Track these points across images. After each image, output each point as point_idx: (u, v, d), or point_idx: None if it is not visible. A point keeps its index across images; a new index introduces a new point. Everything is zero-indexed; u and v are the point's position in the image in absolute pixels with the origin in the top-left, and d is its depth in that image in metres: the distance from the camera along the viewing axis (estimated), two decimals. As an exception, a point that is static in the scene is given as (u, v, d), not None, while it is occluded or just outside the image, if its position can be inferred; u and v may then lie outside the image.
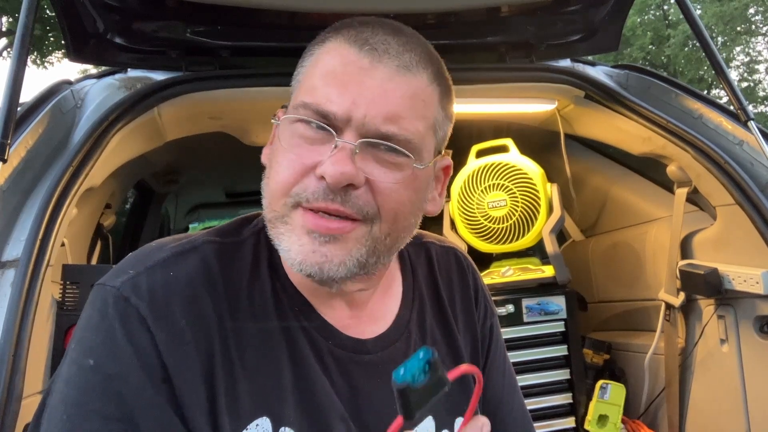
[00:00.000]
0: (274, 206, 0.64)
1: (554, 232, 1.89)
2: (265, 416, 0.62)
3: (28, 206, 1.15)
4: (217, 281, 0.65)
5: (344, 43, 0.64)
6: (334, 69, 0.63)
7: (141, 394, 0.57)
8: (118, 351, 0.58)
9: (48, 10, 9.76)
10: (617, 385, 1.81)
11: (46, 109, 1.31)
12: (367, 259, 0.64)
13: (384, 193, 0.63)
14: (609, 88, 1.68)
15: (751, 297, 1.50)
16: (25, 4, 1.19)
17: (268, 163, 0.69)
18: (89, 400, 0.57)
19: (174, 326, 0.60)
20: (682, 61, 16.85)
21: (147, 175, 2.47)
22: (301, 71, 0.68)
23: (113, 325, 0.59)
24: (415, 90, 0.64)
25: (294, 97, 0.67)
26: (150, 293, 0.60)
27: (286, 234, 0.63)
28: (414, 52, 0.65)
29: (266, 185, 0.67)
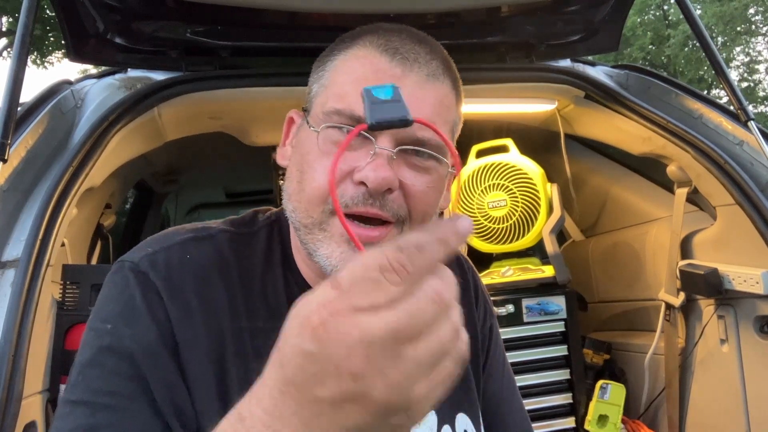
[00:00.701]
0: (312, 213, 0.65)
1: (554, 232, 1.89)
2: None
3: (28, 206, 1.15)
4: (232, 269, 0.67)
5: (374, 51, 0.66)
6: (366, 76, 0.65)
7: (154, 359, 0.60)
8: (136, 317, 0.61)
9: (48, 10, 9.75)
10: (617, 385, 1.81)
11: (46, 109, 1.31)
12: None
13: (416, 196, 0.66)
14: (609, 88, 1.68)
15: (751, 297, 1.50)
16: (25, 4, 1.19)
17: (294, 168, 0.69)
18: (104, 359, 0.59)
19: (186, 305, 0.63)
20: (682, 61, 16.85)
21: (147, 175, 2.47)
22: (325, 75, 0.70)
23: (133, 295, 0.62)
24: (442, 97, 0.68)
25: (320, 102, 0.68)
26: (167, 270, 0.64)
27: (325, 241, 0.65)
28: (438, 60, 0.69)
29: (298, 190, 0.67)
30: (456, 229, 0.39)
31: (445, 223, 0.39)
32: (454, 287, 0.39)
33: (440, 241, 0.38)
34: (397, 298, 0.37)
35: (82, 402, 0.58)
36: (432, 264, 0.38)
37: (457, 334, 0.40)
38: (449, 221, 0.40)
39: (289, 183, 0.69)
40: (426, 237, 0.38)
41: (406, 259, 0.37)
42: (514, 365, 1.78)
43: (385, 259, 0.37)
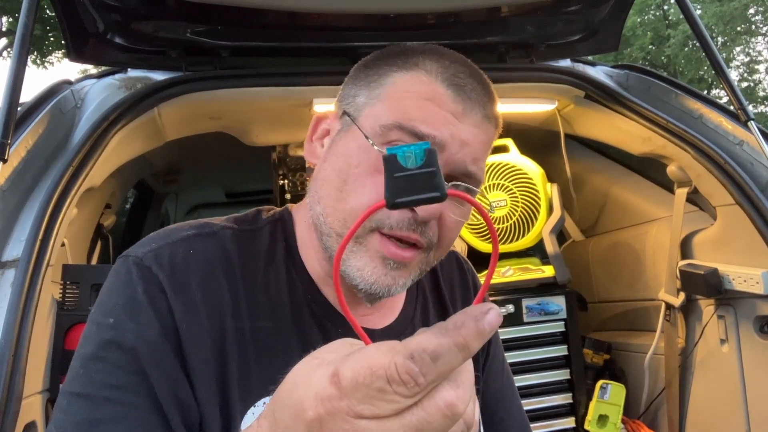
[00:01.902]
0: (346, 224, 0.66)
1: (554, 232, 1.89)
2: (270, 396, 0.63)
3: (28, 206, 1.15)
4: (235, 265, 0.68)
5: (439, 83, 0.67)
6: (431, 100, 0.66)
7: (157, 354, 0.60)
8: (138, 312, 0.61)
9: (48, 10, 9.76)
10: (617, 385, 1.81)
11: (46, 109, 1.31)
12: (416, 278, 0.70)
13: (449, 227, 0.68)
14: (609, 88, 1.68)
15: (751, 297, 1.50)
16: (25, 4, 1.19)
17: (333, 173, 0.68)
18: (106, 353, 0.60)
19: (190, 299, 0.63)
20: (682, 61, 16.85)
21: (147, 175, 2.47)
22: (380, 89, 0.69)
23: (136, 289, 0.62)
24: (490, 138, 0.72)
25: (374, 114, 0.68)
26: (171, 265, 0.64)
27: (359, 254, 0.66)
28: (491, 102, 0.72)
29: (338, 198, 0.67)
30: (481, 330, 0.35)
31: (468, 321, 0.35)
32: (470, 390, 0.37)
33: (460, 348, 0.35)
34: (404, 409, 0.35)
35: (84, 395, 0.59)
36: (448, 373, 0.35)
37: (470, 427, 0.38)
38: (474, 316, 0.35)
39: (324, 187, 0.69)
40: (444, 343, 0.35)
41: (418, 370, 0.34)
42: (514, 365, 1.79)
43: (393, 369, 0.34)
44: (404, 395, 0.34)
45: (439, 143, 0.65)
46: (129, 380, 0.59)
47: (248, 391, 0.63)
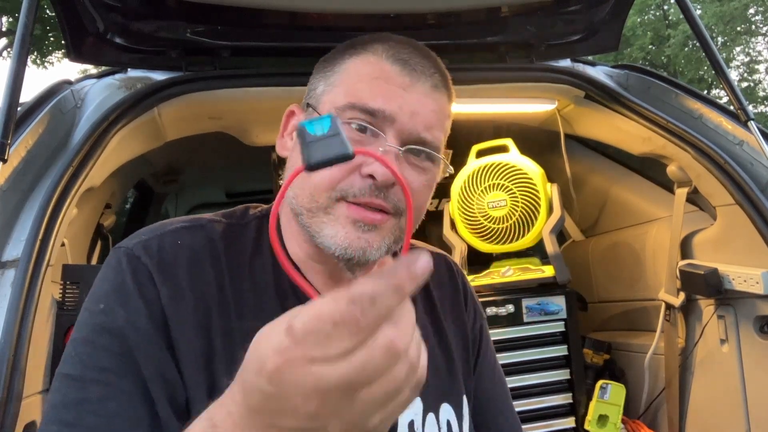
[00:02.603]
0: (318, 198, 0.71)
1: (554, 232, 1.88)
2: None
3: (28, 206, 1.15)
4: (221, 254, 0.72)
5: (385, 60, 0.74)
6: (378, 78, 0.72)
7: (144, 337, 0.63)
8: (127, 298, 0.65)
9: (48, 10, 9.75)
10: (617, 385, 1.81)
11: (46, 109, 1.31)
12: (392, 246, 0.74)
13: (414, 192, 0.73)
14: (609, 88, 1.68)
15: (751, 297, 1.50)
16: (25, 4, 1.19)
17: (297, 160, 0.73)
18: (97, 338, 0.63)
19: (177, 284, 0.67)
20: (682, 61, 16.85)
21: (147, 175, 2.46)
22: (335, 76, 0.75)
23: (125, 278, 0.66)
24: (442, 106, 0.76)
25: (330, 100, 0.74)
26: (159, 254, 0.68)
27: (330, 223, 0.70)
28: (440, 74, 0.77)
29: (304, 178, 0.71)
30: (412, 273, 0.39)
31: (401, 267, 0.39)
32: (410, 330, 0.41)
33: (395, 289, 0.39)
34: (350, 350, 0.38)
35: (74, 377, 0.62)
36: (386, 314, 0.39)
37: (414, 369, 0.42)
38: (406, 263, 0.39)
39: (294, 169, 0.72)
40: (380, 286, 0.38)
41: (359, 311, 0.38)
42: (514, 365, 1.80)
43: (338, 313, 0.38)
44: (348, 337, 0.38)
45: (389, 115, 0.70)
46: (117, 363, 0.62)
47: (235, 370, 0.65)
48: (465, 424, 0.80)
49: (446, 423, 0.78)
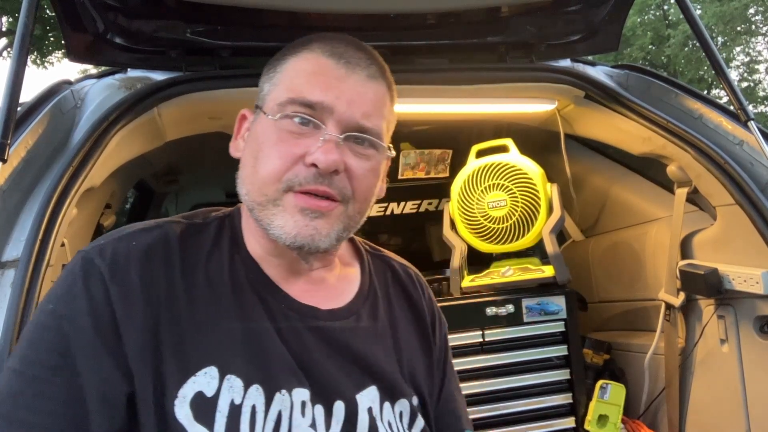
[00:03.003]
0: (265, 191, 0.75)
1: (554, 232, 1.88)
2: (212, 365, 0.70)
3: (28, 206, 1.15)
4: (174, 251, 0.75)
5: (321, 55, 0.78)
6: (315, 72, 0.77)
7: (85, 336, 0.67)
8: (74, 298, 0.69)
9: (48, 10, 9.75)
10: (617, 385, 1.81)
11: (46, 109, 1.31)
12: (342, 233, 0.78)
13: (359, 179, 0.77)
14: (609, 88, 1.68)
15: (751, 297, 1.50)
16: (25, 4, 1.19)
17: (249, 156, 0.79)
18: (41, 335, 0.68)
19: (127, 284, 0.70)
20: (682, 61, 16.85)
21: (147, 175, 2.46)
22: (277, 75, 0.80)
23: (76, 280, 0.70)
24: (379, 95, 0.80)
25: (274, 98, 0.78)
26: (112, 256, 0.72)
27: (279, 215, 0.75)
28: (376, 66, 0.81)
29: (251, 174, 0.77)
30: None
31: None
32: None
33: None
34: None
35: (18, 371, 0.66)
36: None
37: None
38: None
39: (244, 170, 0.80)
40: None
41: None
42: (514, 365, 1.80)
43: None
44: None
45: (327, 106, 0.75)
46: (56, 361, 0.66)
47: (185, 363, 0.69)
48: (418, 418, 0.84)
49: (399, 413, 0.82)
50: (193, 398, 0.68)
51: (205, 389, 0.69)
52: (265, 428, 0.70)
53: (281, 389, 0.72)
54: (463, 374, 1.76)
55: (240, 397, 0.70)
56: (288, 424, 0.71)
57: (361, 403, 0.78)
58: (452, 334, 1.77)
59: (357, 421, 0.76)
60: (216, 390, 0.69)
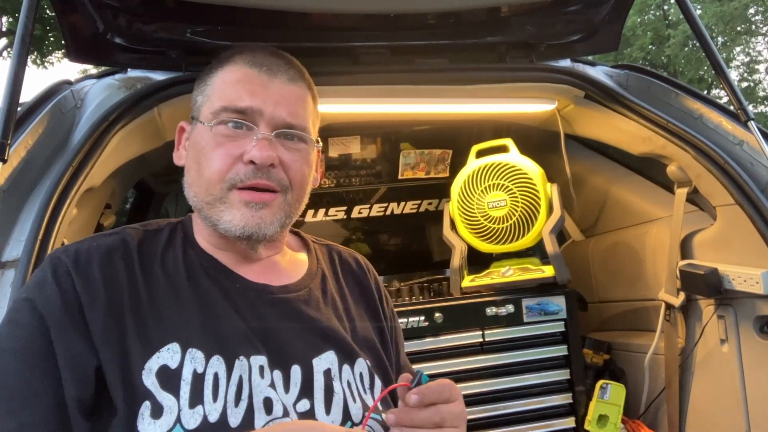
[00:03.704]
0: (212, 191, 0.85)
1: (554, 232, 1.88)
2: (174, 342, 0.78)
3: (28, 206, 1.15)
4: (132, 251, 0.84)
5: (244, 66, 0.89)
6: (241, 81, 0.88)
7: (58, 319, 0.75)
8: (45, 287, 0.77)
9: (48, 10, 9.75)
10: (617, 385, 1.81)
11: (46, 109, 1.31)
12: (285, 220, 0.89)
13: (293, 169, 0.88)
14: (609, 88, 1.68)
15: (751, 297, 1.50)
16: (25, 4, 1.19)
17: (191, 162, 0.89)
18: (18, 317, 0.76)
19: (90, 276, 0.79)
20: (682, 61, 16.85)
21: (147, 175, 2.46)
22: (207, 88, 0.90)
23: (45, 273, 0.78)
24: (301, 95, 0.92)
25: (207, 108, 0.88)
26: (76, 254, 0.81)
27: (227, 210, 0.85)
28: (294, 69, 0.92)
29: (197, 178, 0.87)
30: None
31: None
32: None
33: None
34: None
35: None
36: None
37: None
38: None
39: (189, 175, 0.89)
40: None
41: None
42: (514, 365, 1.80)
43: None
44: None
45: (257, 109, 0.86)
46: (34, 339, 0.73)
47: (149, 341, 0.77)
48: (376, 378, 0.93)
49: (359, 375, 0.90)
50: (158, 370, 0.76)
51: (168, 362, 0.77)
52: (228, 392, 0.78)
53: (240, 357, 0.81)
54: (463, 374, 1.76)
55: (202, 367, 0.78)
56: (249, 387, 0.79)
57: (317, 366, 0.86)
58: (452, 334, 1.78)
59: (313, 383, 0.85)
60: (179, 362, 0.77)
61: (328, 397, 0.85)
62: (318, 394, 0.84)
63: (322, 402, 0.84)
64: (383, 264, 2.65)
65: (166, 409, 0.74)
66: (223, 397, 0.77)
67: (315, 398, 0.84)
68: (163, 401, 0.74)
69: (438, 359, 1.76)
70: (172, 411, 0.74)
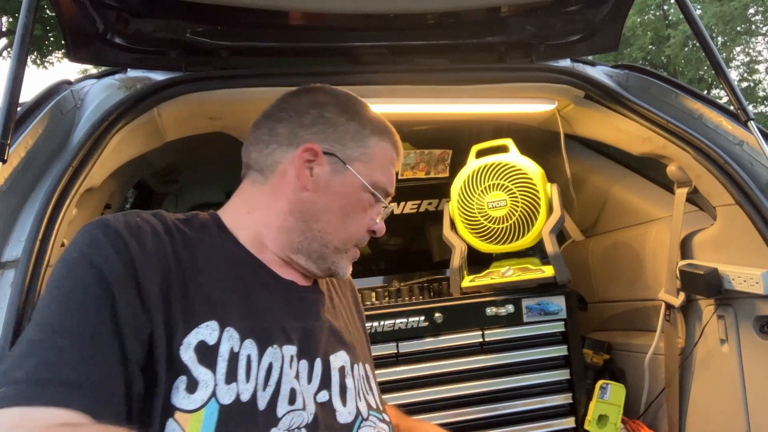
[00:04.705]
0: (346, 244, 0.98)
1: (554, 232, 1.88)
2: (213, 319, 0.81)
3: (28, 206, 1.15)
4: (173, 229, 0.86)
5: (392, 149, 1.02)
6: (392, 165, 1.02)
7: (119, 277, 0.75)
8: (100, 245, 0.76)
9: (48, 10, 9.76)
10: (617, 385, 1.81)
11: (46, 109, 1.31)
12: None
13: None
14: (609, 88, 1.68)
15: (751, 297, 1.50)
16: (25, 4, 1.19)
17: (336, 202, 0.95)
18: (76, 273, 0.75)
19: (142, 242, 0.79)
20: (682, 61, 16.85)
21: (147, 175, 2.46)
22: (366, 151, 0.98)
23: (97, 234, 0.78)
24: None
25: (365, 171, 0.96)
26: (125, 220, 0.81)
27: (343, 260, 0.98)
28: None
29: (341, 226, 0.96)
30: None
31: None
32: None
33: None
34: None
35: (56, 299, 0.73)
36: None
37: None
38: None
39: (326, 213, 0.95)
40: None
41: None
42: (514, 365, 1.80)
43: None
44: None
45: (390, 193, 1.02)
46: (98, 295, 0.73)
47: (190, 316, 0.79)
48: (373, 383, 1.03)
49: (364, 375, 1.00)
50: (197, 345, 0.78)
51: (207, 339, 0.79)
52: (258, 375, 0.81)
53: (273, 344, 0.85)
54: (463, 374, 1.76)
55: (237, 347, 0.81)
56: (278, 374, 0.84)
57: (333, 362, 0.93)
58: (452, 334, 1.78)
59: (330, 378, 0.91)
60: (217, 339, 0.80)
61: (343, 392, 0.92)
62: (335, 388, 0.91)
63: (338, 395, 0.91)
64: (383, 264, 2.65)
65: (202, 383, 0.76)
66: (254, 379, 0.81)
67: (332, 391, 0.91)
68: (199, 376, 0.76)
69: (438, 359, 1.76)
70: (207, 386, 0.76)
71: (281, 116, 0.99)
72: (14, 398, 0.66)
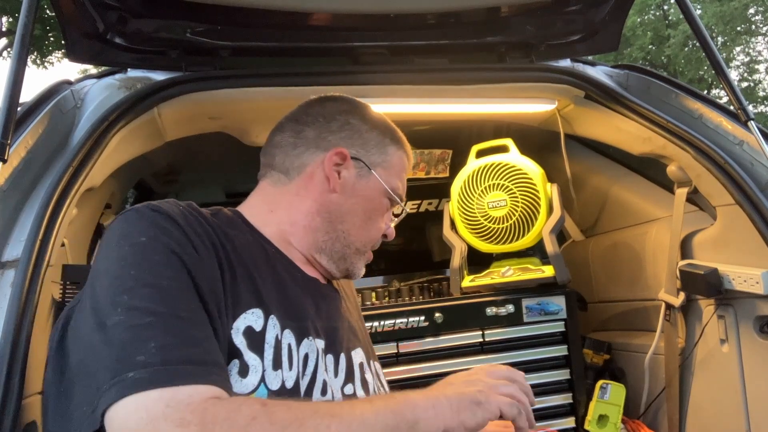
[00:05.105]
0: (366, 246, 1.03)
1: (554, 232, 1.89)
2: (257, 307, 0.83)
3: (28, 206, 1.15)
4: (209, 219, 0.87)
5: (405, 157, 1.08)
6: (405, 171, 1.08)
7: (192, 257, 0.76)
8: (167, 228, 0.77)
9: (48, 10, 9.76)
10: (617, 385, 1.81)
11: (46, 109, 1.31)
12: None
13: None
14: (609, 88, 1.68)
15: (751, 297, 1.50)
16: (25, 4, 1.19)
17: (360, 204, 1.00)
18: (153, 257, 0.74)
19: (193, 225, 0.81)
20: (682, 61, 16.84)
21: (147, 175, 2.46)
22: (387, 159, 1.04)
23: (155, 217, 0.78)
24: None
25: (386, 177, 1.02)
26: (174, 206, 0.82)
27: (360, 261, 1.03)
28: None
29: (364, 228, 1.02)
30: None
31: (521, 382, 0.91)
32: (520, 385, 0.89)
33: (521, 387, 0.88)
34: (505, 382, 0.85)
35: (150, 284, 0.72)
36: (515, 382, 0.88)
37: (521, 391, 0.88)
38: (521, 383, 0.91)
39: (351, 214, 1.00)
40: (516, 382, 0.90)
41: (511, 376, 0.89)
42: (514, 365, 1.78)
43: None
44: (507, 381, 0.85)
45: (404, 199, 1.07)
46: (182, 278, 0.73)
47: (237, 302, 0.81)
48: (383, 377, 1.08)
49: (377, 373, 1.05)
50: (245, 330, 0.79)
51: (253, 325, 0.81)
52: (298, 364, 0.84)
53: (309, 336, 0.88)
54: (463, 374, 1.76)
55: (280, 335, 0.84)
56: (314, 365, 0.87)
57: (354, 358, 0.98)
58: (452, 334, 1.78)
59: (354, 373, 0.95)
60: (263, 326, 0.82)
61: (365, 386, 0.97)
62: (357, 382, 0.96)
63: (361, 389, 0.96)
64: (383, 264, 2.65)
65: (252, 368, 0.78)
66: (296, 367, 0.84)
67: (356, 385, 0.95)
68: (250, 361, 0.78)
69: (438, 359, 1.76)
70: (257, 371, 0.78)
71: (309, 120, 1.02)
72: (151, 381, 0.64)
